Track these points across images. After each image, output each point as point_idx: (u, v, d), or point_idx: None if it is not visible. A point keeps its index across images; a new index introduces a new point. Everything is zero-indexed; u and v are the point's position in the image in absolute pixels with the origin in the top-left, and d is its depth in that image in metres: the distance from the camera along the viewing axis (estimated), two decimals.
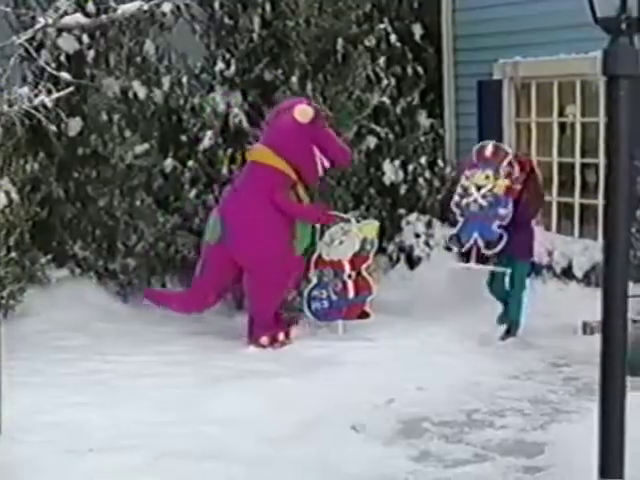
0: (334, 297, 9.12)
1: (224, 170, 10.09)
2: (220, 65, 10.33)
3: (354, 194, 10.58)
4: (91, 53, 9.78)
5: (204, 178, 10.16)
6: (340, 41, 10.39)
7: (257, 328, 8.89)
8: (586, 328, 9.00)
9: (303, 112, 8.78)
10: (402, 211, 11.12)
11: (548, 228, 10.48)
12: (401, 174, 11.12)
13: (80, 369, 7.78)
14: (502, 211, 8.93)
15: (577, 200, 10.53)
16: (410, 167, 11.14)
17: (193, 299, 9.19)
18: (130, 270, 10.00)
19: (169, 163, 10.08)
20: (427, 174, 11.16)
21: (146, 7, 5.43)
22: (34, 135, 9.41)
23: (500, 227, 8.92)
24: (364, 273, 9.23)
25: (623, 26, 3.31)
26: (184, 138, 10.18)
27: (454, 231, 9.31)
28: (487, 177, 8.94)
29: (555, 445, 6.40)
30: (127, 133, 9.84)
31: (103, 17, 5.23)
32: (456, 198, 9.16)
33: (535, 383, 7.83)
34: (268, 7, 10.22)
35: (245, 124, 10.12)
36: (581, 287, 9.65)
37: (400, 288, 10.51)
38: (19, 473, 5.49)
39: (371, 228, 9.34)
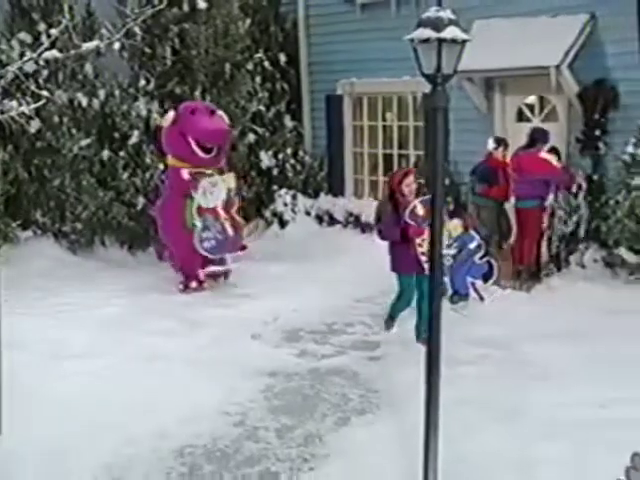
0: (218, 236, 8.71)
1: (147, 159, 10.16)
2: (142, 82, 10.26)
3: (240, 176, 10.57)
4: (45, 72, 9.66)
5: (132, 164, 10.12)
6: (228, 65, 10.51)
7: (180, 278, 8.95)
8: None
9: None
10: (275, 187, 11.35)
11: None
12: (274, 161, 11.37)
13: (52, 302, 7.89)
14: (472, 245, 7.34)
15: None
16: (280, 156, 11.41)
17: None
18: (77, 231, 9.97)
19: (106, 153, 10.02)
20: (292, 161, 11.46)
21: (102, 45, 5.69)
22: (3, 132, 9.39)
23: (481, 258, 7.38)
24: (235, 216, 8.91)
25: (439, 79, 3.94)
26: (117, 135, 10.10)
27: (451, 291, 7.28)
28: None
29: (387, 343, 7.04)
30: (74, 131, 9.78)
31: (72, 52, 5.47)
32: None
33: (372, 305, 8.13)
34: (177, 40, 10.22)
35: None
36: None
37: (274, 242, 10.79)
38: (22, 372, 5.54)
39: (231, 179, 8.90)
